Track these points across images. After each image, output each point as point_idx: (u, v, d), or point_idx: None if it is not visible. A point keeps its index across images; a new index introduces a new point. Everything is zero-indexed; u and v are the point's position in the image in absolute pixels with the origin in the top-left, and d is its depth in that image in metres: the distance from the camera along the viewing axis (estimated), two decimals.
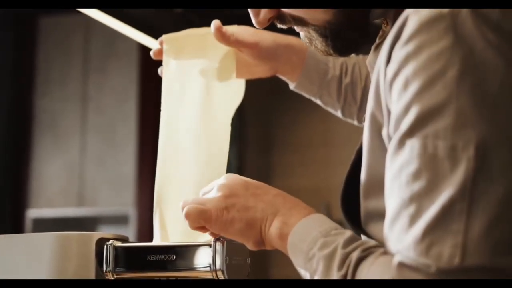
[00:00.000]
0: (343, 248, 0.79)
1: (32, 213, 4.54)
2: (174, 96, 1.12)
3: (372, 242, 0.80)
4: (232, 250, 0.96)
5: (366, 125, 0.82)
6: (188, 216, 0.91)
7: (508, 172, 0.67)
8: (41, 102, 4.67)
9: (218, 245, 0.95)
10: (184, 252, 0.97)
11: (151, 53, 1.19)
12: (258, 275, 4.31)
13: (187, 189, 1.08)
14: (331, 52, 0.93)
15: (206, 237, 0.98)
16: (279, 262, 4.28)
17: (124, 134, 4.52)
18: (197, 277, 0.99)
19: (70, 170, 4.59)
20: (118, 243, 1.01)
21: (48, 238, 1.01)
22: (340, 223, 0.87)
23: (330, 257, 0.79)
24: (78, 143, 4.60)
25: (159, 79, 1.16)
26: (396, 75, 0.73)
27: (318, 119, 4.57)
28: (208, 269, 0.95)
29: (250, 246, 0.93)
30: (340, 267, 0.78)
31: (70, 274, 1.00)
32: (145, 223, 4.22)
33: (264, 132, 4.56)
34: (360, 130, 0.91)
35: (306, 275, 0.83)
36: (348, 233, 0.82)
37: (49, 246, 1.00)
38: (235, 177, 0.94)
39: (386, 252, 0.74)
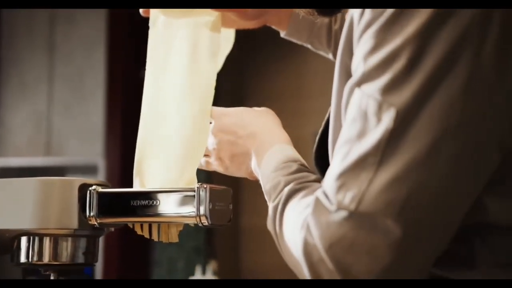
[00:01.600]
0: (284, 182, 0.88)
1: None
2: (160, 54, 1.11)
3: (312, 177, 0.88)
4: (215, 196, 0.97)
5: (336, 78, 0.84)
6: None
7: (419, 140, 0.70)
8: (7, 51, 4.59)
9: (202, 191, 0.96)
10: (168, 198, 0.97)
11: (140, 10, 1.17)
12: None
13: (171, 149, 1.07)
14: (315, 13, 0.94)
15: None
16: (248, 210, 4.33)
17: (92, 83, 4.47)
18: (181, 222, 1.00)
19: (38, 119, 4.55)
20: (101, 189, 1.01)
21: (30, 183, 1.01)
22: None
23: (273, 190, 0.89)
24: (45, 93, 4.55)
25: (129, 28, 1.15)
26: (366, 29, 0.75)
27: (292, 70, 4.57)
28: (192, 214, 0.96)
29: (250, 178, 1.06)
30: (274, 198, 0.87)
31: (52, 219, 1.00)
32: (114, 173, 4.21)
33: (237, 82, 4.55)
34: (331, 81, 0.92)
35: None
36: (293, 166, 0.91)
37: (31, 191, 1.00)
38: (227, 121, 1.06)
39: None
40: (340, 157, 0.74)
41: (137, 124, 1.08)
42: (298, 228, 0.76)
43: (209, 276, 2.21)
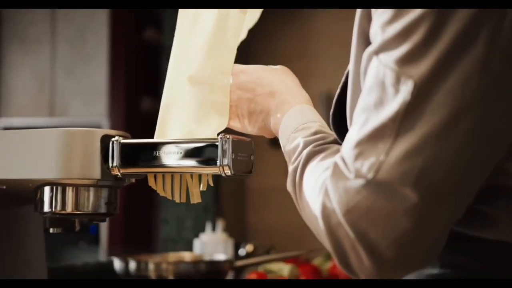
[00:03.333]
0: (303, 143, 0.88)
1: (2, 122, 4.51)
2: (189, 18, 1.10)
3: (331, 138, 0.88)
4: (238, 146, 0.97)
5: (354, 42, 0.83)
6: None
7: (436, 114, 0.70)
8: (8, 10, 4.56)
9: (225, 142, 0.96)
10: (191, 148, 0.97)
11: None
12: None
13: (189, 111, 1.06)
14: None
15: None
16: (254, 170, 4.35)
17: (95, 43, 4.45)
18: (204, 172, 1.01)
19: (41, 79, 4.54)
20: (123, 139, 1.02)
21: (53, 133, 1.01)
22: None
23: (292, 151, 0.90)
24: (48, 53, 4.53)
25: None
26: None
27: (296, 30, 4.54)
28: (215, 164, 0.96)
29: (267, 136, 1.06)
30: (294, 160, 0.88)
31: (75, 169, 1.00)
32: None
33: (243, 44, 4.53)
34: (337, 42, 0.91)
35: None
36: (313, 127, 0.92)
37: (54, 142, 1.00)
38: (245, 78, 1.05)
39: (339, 150, 0.79)
40: (358, 125, 0.74)
41: (140, 84, 1.08)
42: (316, 191, 0.77)
43: (219, 233, 2.23)
